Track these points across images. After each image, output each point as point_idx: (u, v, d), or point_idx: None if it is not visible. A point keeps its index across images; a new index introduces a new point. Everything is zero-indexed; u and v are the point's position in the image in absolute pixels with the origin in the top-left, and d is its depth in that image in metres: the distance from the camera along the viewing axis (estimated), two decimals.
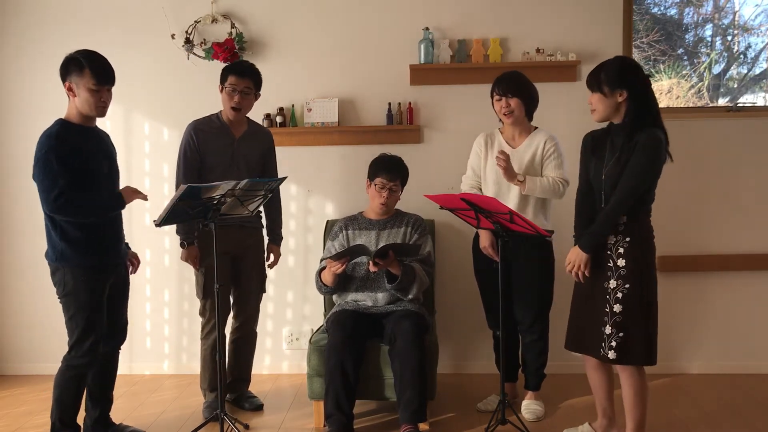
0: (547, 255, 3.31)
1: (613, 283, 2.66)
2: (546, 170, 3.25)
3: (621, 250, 2.66)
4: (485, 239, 3.30)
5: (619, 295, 2.65)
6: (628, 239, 2.66)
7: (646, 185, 2.67)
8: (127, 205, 2.89)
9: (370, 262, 3.07)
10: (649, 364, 2.68)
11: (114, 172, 3.00)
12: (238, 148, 3.38)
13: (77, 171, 2.76)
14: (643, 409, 2.73)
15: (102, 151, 2.91)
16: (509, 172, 3.13)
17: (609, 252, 2.69)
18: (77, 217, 2.80)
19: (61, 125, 2.81)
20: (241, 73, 3.32)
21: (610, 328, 2.65)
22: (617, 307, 2.64)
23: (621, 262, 2.66)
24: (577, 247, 2.75)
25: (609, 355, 2.65)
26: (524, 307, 3.30)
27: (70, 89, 2.78)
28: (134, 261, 3.14)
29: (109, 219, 2.90)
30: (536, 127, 3.34)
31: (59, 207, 2.74)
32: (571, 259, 2.76)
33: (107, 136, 3.05)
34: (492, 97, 3.31)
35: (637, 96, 2.66)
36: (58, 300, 2.86)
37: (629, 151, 2.65)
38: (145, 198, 2.91)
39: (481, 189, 3.36)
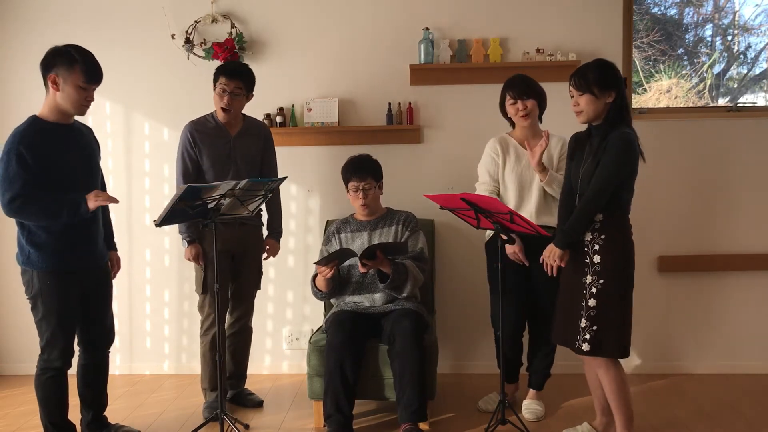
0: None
1: (588, 279, 2.73)
2: (559, 165, 3.25)
3: (597, 247, 2.73)
4: (511, 246, 3.16)
5: (594, 290, 2.71)
6: (603, 236, 2.73)
7: (616, 183, 2.70)
8: (92, 209, 2.70)
9: (359, 263, 3.07)
10: (622, 356, 2.75)
11: (93, 171, 2.89)
12: (235, 146, 3.39)
13: (42, 171, 2.68)
14: (626, 403, 2.77)
15: (78, 149, 2.82)
16: (541, 160, 3.13)
17: (586, 249, 2.76)
18: (32, 221, 2.72)
19: (31, 123, 2.73)
20: (230, 74, 3.32)
21: (584, 321, 2.72)
22: (592, 302, 2.71)
23: (597, 259, 2.72)
24: (552, 244, 2.82)
25: (583, 347, 2.72)
26: (544, 308, 3.21)
27: (54, 82, 2.70)
28: (115, 264, 3.08)
29: (81, 224, 2.78)
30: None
31: (13, 210, 2.68)
32: (546, 254, 2.84)
33: (89, 131, 2.98)
34: (504, 101, 3.30)
35: (621, 97, 2.73)
36: (28, 300, 2.83)
37: (603, 150, 2.71)
38: (114, 201, 2.72)
39: (499, 194, 3.30)
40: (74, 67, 2.68)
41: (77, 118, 2.88)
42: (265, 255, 3.59)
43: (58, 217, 2.70)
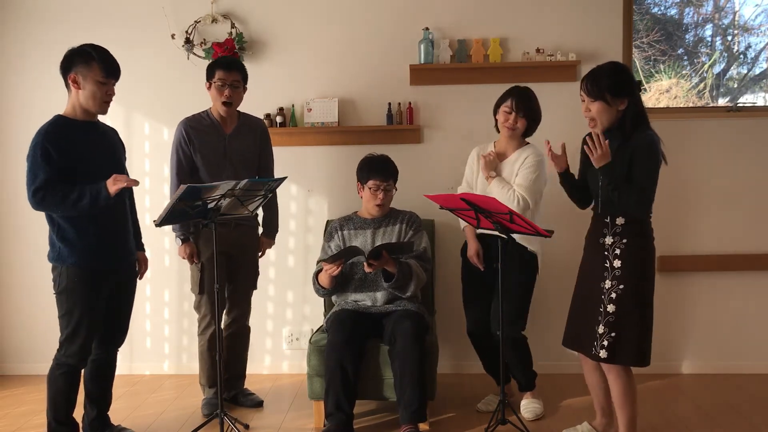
0: (531, 266, 3.29)
1: (608, 284, 2.68)
2: (516, 179, 3.23)
3: (617, 251, 2.68)
4: (472, 248, 3.32)
5: (613, 295, 2.66)
6: (625, 241, 2.68)
7: (655, 185, 2.66)
8: (113, 194, 2.71)
9: (365, 263, 3.07)
10: (640, 365, 2.70)
11: (118, 170, 2.93)
12: (230, 144, 3.39)
13: (67, 166, 2.73)
14: (632, 409, 2.75)
15: (102, 147, 2.89)
16: (489, 166, 3.21)
17: (606, 253, 2.71)
18: (56, 211, 2.77)
19: (55, 121, 2.80)
20: (228, 66, 3.34)
21: (602, 327, 2.67)
22: (611, 308, 2.66)
23: (617, 263, 2.67)
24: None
25: (600, 354, 2.68)
26: (510, 309, 3.24)
27: (75, 81, 2.77)
28: (142, 265, 3.11)
29: (110, 221, 2.83)
30: (528, 143, 3.35)
31: (38, 202, 2.73)
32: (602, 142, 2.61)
33: (113, 132, 3.04)
34: (499, 105, 3.29)
35: (636, 104, 2.68)
36: (54, 295, 2.86)
37: (626, 156, 2.65)
38: (134, 183, 2.75)
39: None
40: (92, 63, 2.76)
41: (101, 118, 2.94)
42: (260, 253, 3.60)
43: (79, 204, 2.72)
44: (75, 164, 2.76)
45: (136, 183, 2.77)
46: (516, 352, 3.34)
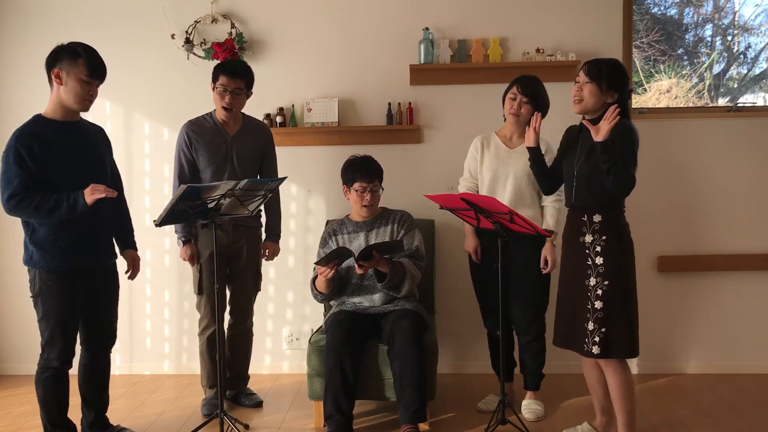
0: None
1: (592, 281, 2.72)
2: None
3: (598, 249, 2.73)
4: (470, 243, 3.36)
5: (599, 292, 2.71)
6: (604, 237, 2.72)
7: (636, 167, 2.69)
8: (90, 204, 2.68)
9: (356, 264, 3.07)
10: (631, 356, 2.75)
11: (98, 170, 2.89)
12: (232, 146, 3.39)
13: (42, 170, 2.69)
14: (631, 403, 2.77)
15: (82, 147, 2.83)
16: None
17: (587, 251, 2.75)
18: (31, 218, 2.74)
19: (33, 122, 2.76)
20: (232, 72, 3.32)
21: (592, 324, 2.71)
22: (598, 304, 2.70)
23: (599, 260, 2.72)
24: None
25: (593, 351, 2.71)
26: (521, 308, 3.32)
27: (57, 77, 2.72)
28: (131, 264, 3.08)
29: (84, 224, 2.78)
30: None
31: (11, 208, 2.70)
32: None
33: (98, 130, 2.98)
34: (506, 94, 3.33)
35: (623, 102, 2.74)
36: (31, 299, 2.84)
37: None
38: (112, 194, 2.70)
39: (477, 190, 3.39)
40: (77, 61, 2.72)
41: (87, 116, 2.90)
42: (264, 258, 3.59)
43: (55, 213, 2.70)
44: (50, 166, 2.71)
45: (114, 194, 2.72)
46: (533, 353, 3.36)
